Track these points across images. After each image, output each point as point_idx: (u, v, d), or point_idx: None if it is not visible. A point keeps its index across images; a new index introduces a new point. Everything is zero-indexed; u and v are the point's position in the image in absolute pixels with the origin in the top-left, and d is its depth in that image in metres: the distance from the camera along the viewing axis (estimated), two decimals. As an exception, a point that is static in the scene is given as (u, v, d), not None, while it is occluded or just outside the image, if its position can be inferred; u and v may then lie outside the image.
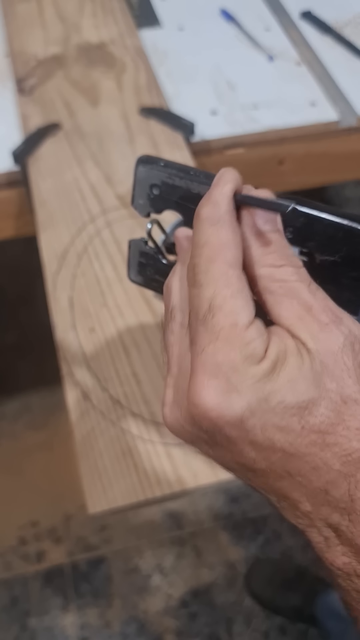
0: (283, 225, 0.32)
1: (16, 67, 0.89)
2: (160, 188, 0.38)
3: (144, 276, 0.43)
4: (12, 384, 1.63)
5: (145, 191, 0.38)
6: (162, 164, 0.37)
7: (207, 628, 1.37)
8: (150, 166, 0.38)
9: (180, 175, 0.36)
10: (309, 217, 0.33)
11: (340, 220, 0.32)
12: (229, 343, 0.28)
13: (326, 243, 0.33)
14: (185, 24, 0.97)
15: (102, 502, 0.52)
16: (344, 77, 0.88)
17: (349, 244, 0.32)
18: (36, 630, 1.36)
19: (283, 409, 0.27)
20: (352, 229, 0.32)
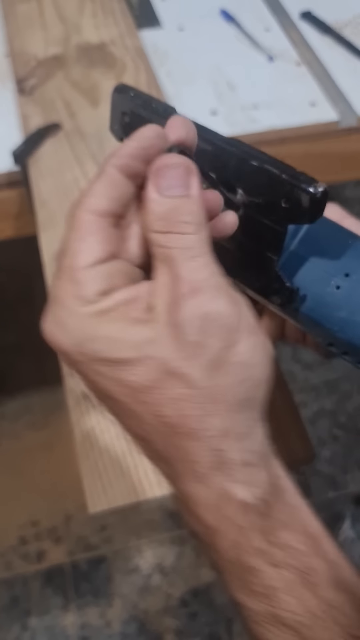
0: (220, 163, 0.35)
1: (16, 67, 0.89)
2: (130, 116, 0.40)
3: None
4: (12, 383, 1.63)
5: (118, 117, 0.41)
6: (131, 94, 0.39)
7: (207, 628, 1.37)
8: (122, 95, 0.40)
9: (144, 106, 0.38)
10: (240, 159, 0.35)
11: (263, 166, 0.34)
12: (64, 281, 0.30)
13: (252, 186, 0.35)
14: (185, 24, 0.97)
15: (103, 502, 0.52)
16: (343, 77, 0.88)
17: (269, 189, 0.34)
18: (36, 630, 1.36)
19: (99, 359, 0.29)
20: (272, 176, 0.34)
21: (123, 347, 0.29)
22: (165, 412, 0.29)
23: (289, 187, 0.33)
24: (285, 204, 0.34)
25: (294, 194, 0.33)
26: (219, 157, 0.36)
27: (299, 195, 0.33)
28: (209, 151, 0.36)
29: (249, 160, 0.35)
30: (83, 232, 0.30)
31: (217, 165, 0.36)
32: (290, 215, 0.34)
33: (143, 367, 0.28)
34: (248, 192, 0.35)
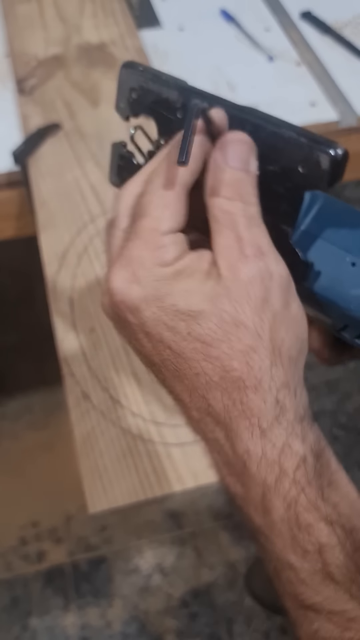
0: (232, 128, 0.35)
1: (17, 67, 0.89)
2: (138, 92, 0.40)
3: (122, 179, 0.45)
4: (12, 384, 1.63)
5: (126, 95, 0.40)
6: (140, 69, 0.39)
7: (208, 628, 1.37)
8: (130, 70, 0.40)
9: (154, 79, 0.38)
10: (254, 125, 0.34)
11: (279, 130, 0.34)
12: (144, 243, 0.32)
13: (268, 152, 0.34)
14: (185, 24, 0.97)
15: (103, 502, 0.52)
16: (343, 77, 0.88)
17: (286, 154, 0.34)
18: (37, 631, 1.36)
19: (174, 312, 0.31)
20: (290, 139, 0.33)
21: (198, 299, 0.31)
22: (234, 365, 0.30)
23: (307, 150, 0.32)
24: (302, 169, 0.33)
25: (313, 157, 0.32)
26: (232, 125, 0.35)
27: (318, 157, 0.32)
28: None
29: (264, 125, 0.34)
30: (169, 200, 0.32)
31: None
32: (308, 180, 0.33)
33: (216, 318, 0.30)
34: (262, 160, 0.35)
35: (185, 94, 0.37)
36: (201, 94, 0.37)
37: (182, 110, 0.38)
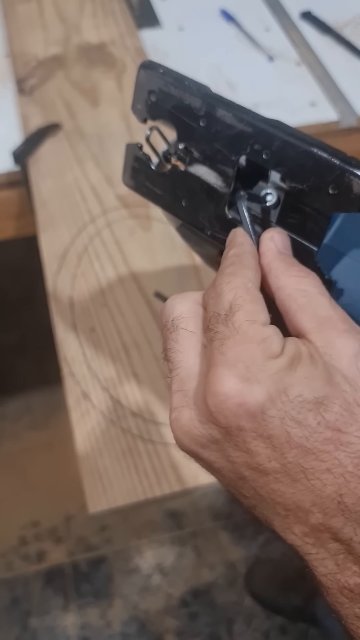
0: (260, 146, 0.34)
1: (16, 67, 0.89)
2: (157, 95, 0.38)
3: (136, 181, 0.44)
4: (13, 384, 1.63)
5: (144, 96, 0.39)
6: (161, 71, 0.38)
7: (208, 628, 1.37)
8: (150, 71, 0.38)
9: (175, 84, 0.37)
10: (283, 142, 0.33)
11: (310, 149, 0.32)
12: (248, 337, 0.29)
13: (296, 170, 0.33)
14: (185, 24, 0.97)
15: (103, 502, 0.52)
16: (343, 77, 0.88)
17: (316, 174, 0.33)
18: (37, 630, 1.36)
19: (300, 403, 0.28)
20: (321, 159, 0.32)
21: (320, 384, 0.28)
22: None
23: (339, 172, 0.31)
24: (333, 190, 0.32)
25: (345, 180, 0.31)
26: (259, 140, 0.34)
27: (350, 181, 0.31)
28: (248, 133, 0.35)
29: (294, 143, 0.33)
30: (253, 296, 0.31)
31: (257, 149, 0.34)
32: (338, 202, 0.32)
33: (339, 401, 0.28)
34: (291, 177, 0.34)
35: (209, 103, 0.36)
36: (226, 104, 0.36)
37: (206, 118, 0.36)
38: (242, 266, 0.32)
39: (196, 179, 0.39)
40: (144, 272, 0.66)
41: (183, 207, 0.41)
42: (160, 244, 0.68)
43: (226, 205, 0.38)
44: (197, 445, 0.30)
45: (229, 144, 0.36)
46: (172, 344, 0.33)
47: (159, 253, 0.67)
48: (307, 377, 0.28)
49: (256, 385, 0.28)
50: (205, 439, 0.30)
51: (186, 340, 0.32)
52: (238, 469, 0.29)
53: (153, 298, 0.63)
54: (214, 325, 0.30)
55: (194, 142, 0.38)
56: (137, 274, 0.66)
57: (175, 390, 0.31)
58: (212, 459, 0.30)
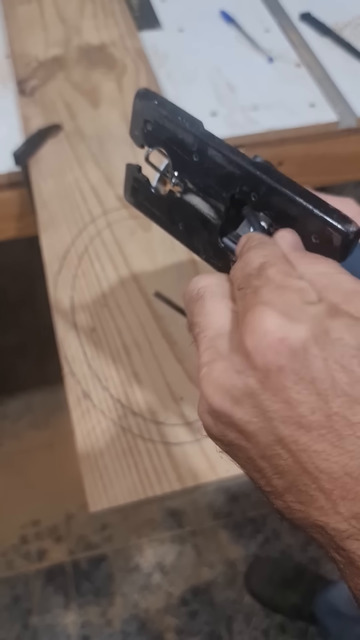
0: (248, 189, 0.35)
1: (17, 68, 0.89)
2: (152, 125, 0.38)
3: (136, 199, 0.44)
4: (13, 383, 1.63)
5: (140, 124, 0.39)
6: (155, 102, 0.38)
7: (208, 626, 1.37)
8: (145, 102, 0.38)
9: (169, 118, 0.37)
10: (269, 188, 0.34)
11: (295, 197, 0.33)
12: (284, 285, 0.27)
13: (281, 216, 0.34)
14: (185, 25, 0.97)
15: (103, 501, 0.52)
16: (343, 78, 0.89)
17: (300, 223, 0.33)
18: (38, 629, 1.36)
19: (343, 346, 0.25)
20: (305, 210, 0.33)
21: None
22: None
23: (321, 224, 0.32)
24: (315, 239, 0.33)
25: (326, 232, 0.32)
26: (247, 183, 0.35)
27: (330, 234, 0.32)
28: (237, 174, 0.35)
29: (280, 190, 0.33)
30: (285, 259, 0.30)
31: (245, 190, 0.35)
32: (319, 251, 0.32)
33: None
34: (277, 221, 0.34)
35: (201, 141, 0.37)
36: (217, 144, 0.36)
37: (198, 154, 0.37)
38: (269, 242, 0.32)
39: (191, 207, 0.40)
40: (144, 272, 0.66)
41: (179, 231, 0.43)
42: (160, 244, 0.68)
43: (219, 235, 0.39)
44: (230, 402, 0.27)
45: (219, 182, 0.37)
46: (199, 309, 0.31)
47: (159, 253, 0.68)
48: (348, 324, 0.26)
49: (298, 322, 0.26)
50: (240, 391, 0.27)
51: (213, 304, 0.31)
52: (277, 428, 0.26)
53: (153, 298, 0.64)
54: (244, 284, 0.29)
55: (187, 173, 0.39)
56: (138, 274, 0.66)
57: (205, 348, 0.29)
58: (247, 419, 0.27)
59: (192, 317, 0.31)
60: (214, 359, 0.28)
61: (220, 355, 0.28)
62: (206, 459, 0.54)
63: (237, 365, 0.27)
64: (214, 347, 0.29)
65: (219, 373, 0.28)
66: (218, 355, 0.28)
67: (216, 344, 0.29)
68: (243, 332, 0.27)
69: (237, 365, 0.27)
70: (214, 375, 0.28)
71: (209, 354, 0.29)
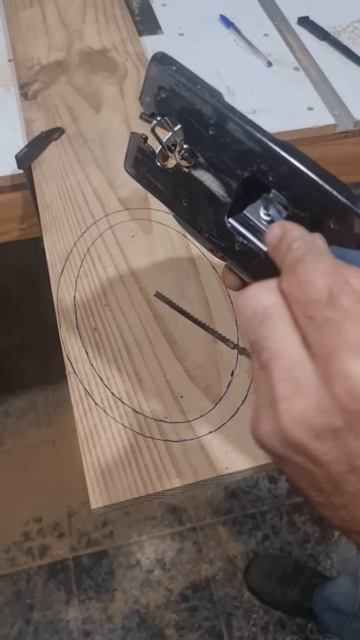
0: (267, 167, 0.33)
1: (20, 72, 0.90)
2: (167, 92, 0.36)
3: (137, 171, 0.42)
4: (17, 382, 1.64)
5: (153, 91, 0.37)
6: (174, 68, 0.36)
7: (207, 622, 1.38)
8: (162, 67, 0.36)
9: (188, 86, 0.35)
10: (291, 168, 0.32)
11: (318, 180, 0.32)
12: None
13: (300, 198, 0.32)
14: (185, 30, 0.98)
15: (105, 498, 0.53)
16: (340, 82, 0.90)
17: (319, 206, 0.32)
18: (40, 625, 1.37)
19: None
20: (326, 193, 0.31)
21: None
22: None
23: (342, 209, 0.31)
24: (334, 224, 0.32)
25: (347, 218, 0.31)
26: (267, 161, 0.33)
27: (352, 220, 0.31)
28: (256, 152, 0.34)
29: (302, 171, 0.32)
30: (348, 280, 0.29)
31: (263, 169, 0.34)
32: (337, 237, 0.32)
33: None
34: (294, 203, 0.33)
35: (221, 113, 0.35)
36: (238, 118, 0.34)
37: (215, 127, 0.35)
38: (321, 252, 0.30)
39: (199, 183, 0.38)
40: (145, 272, 0.67)
41: (183, 207, 0.40)
42: (160, 245, 0.70)
43: (226, 215, 0.37)
44: (312, 437, 0.28)
45: (236, 158, 0.35)
46: (267, 332, 0.30)
47: (160, 254, 0.69)
48: None
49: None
50: (324, 428, 0.27)
51: (285, 328, 0.30)
52: (354, 460, 0.27)
53: (154, 298, 0.65)
54: (315, 312, 0.28)
55: (200, 147, 0.37)
56: (138, 274, 0.67)
57: (281, 379, 0.29)
58: (323, 451, 0.28)
59: (258, 338, 0.30)
60: (295, 393, 0.28)
61: (302, 391, 0.28)
62: (206, 456, 0.55)
63: (323, 404, 0.27)
64: (293, 379, 0.28)
65: (302, 410, 0.28)
66: (300, 390, 0.28)
67: (295, 375, 0.28)
68: (332, 376, 0.27)
69: (323, 405, 0.27)
70: (297, 411, 0.28)
71: (289, 387, 0.28)
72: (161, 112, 0.38)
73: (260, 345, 0.30)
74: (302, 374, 0.28)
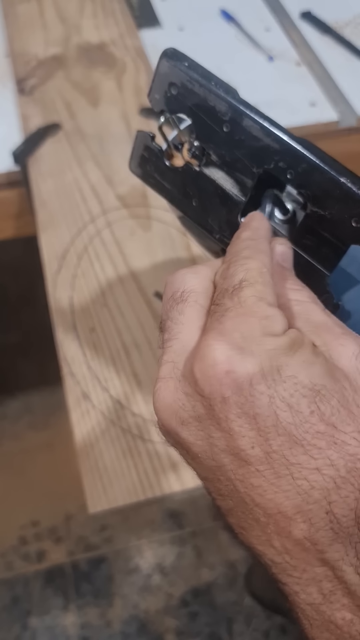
0: (285, 165, 0.32)
1: (17, 67, 0.89)
2: (179, 89, 0.36)
3: (143, 170, 0.41)
4: (13, 384, 1.63)
5: (163, 87, 0.36)
6: (186, 64, 0.35)
7: (208, 628, 1.37)
8: (173, 63, 0.35)
9: (201, 83, 0.34)
10: (311, 165, 0.32)
11: (339, 178, 0.31)
12: (251, 311, 0.28)
13: (320, 196, 0.32)
14: (185, 24, 0.97)
15: (103, 502, 0.52)
16: (343, 77, 0.88)
17: (341, 204, 0.31)
18: (37, 630, 1.36)
19: (294, 385, 0.25)
20: (349, 191, 0.31)
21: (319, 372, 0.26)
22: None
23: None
24: (356, 223, 0.31)
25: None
26: (285, 158, 0.32)
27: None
28: (274, 149, 0.33)
29: (323, 169, 0.31)
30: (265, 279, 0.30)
31: (281, 166, 0.33)
32: (357, 235, 0.31)
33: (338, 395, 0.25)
34: (313, 202, 0.32)
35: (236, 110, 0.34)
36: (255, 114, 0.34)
37: (230, 124, 0.34)
38: (258, 250, 0.31)
39: (211, 182, 0.37)
40: (144, 272, 0.66)
41: (192, 206, 0.39)
42: (160, 244, 0.68)
43: (240, 214, 0.37)
44: (177, 421, 0.27)
45: (251, 155, 0.34)
46: (176, 314, 0.31)
47: (159, 253, 0.68)
48: (306, 361, 0.26)
49: (249, 356, 0.26)
50: (187, 413, 0.27)
51: (192, 314, 0.30)
52: (218, 455, 0.26)
53: (153, 298, 0.64)
54: (219, 299, 0.29)
55: (212, 144, 0.36)
56: (137, 274, 0.66)
57: (166, 361, 0.29)
58: (191, 440, 0.27)
59: (166, 318, 0.31)
60: (169, 376, 0.28)
61: (176, 375, 0.28)
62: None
63: (186, 387, 0.27)
64: (173, 362, 0.29)
65: (169, 392, 0.28)
66: (174, 374, 0.28)
67: (177, 359, 0.29)
68: (194, 356, 0.27)
69: (186, 388, 0.27)
70: (165, 393, 0.28)
71: (167, 369, 0.29)
72: (171, 110, 0.37)
73: (166, 325, 0.31)
74: (182, 359, 0.28)
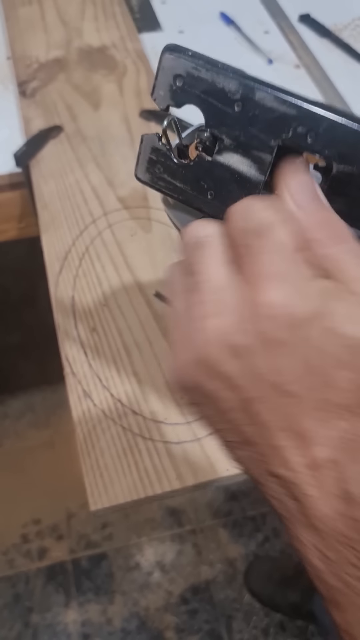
0: (304, 129, 0.32)
1: (18, 70, 0.90)
2: (184, 79, 0.36)
3: (152, 174, 0.41)
4: (15, 383, 1.64)
5: (168, 82, 0.37)
6: (189, 53, 0.36)
7: (207, 625, 1.38)
8: (177, 54, 0.36)
9: (207, 67, 0.35)
10: (331, 123, 0.32)
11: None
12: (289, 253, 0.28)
13: (346, 152, 0.32)
14: (185, 27, 0.98)
15: (104, 500, 0.53)
16: (342, 79, 0.89)
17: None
18: (38, 627, 1.37)
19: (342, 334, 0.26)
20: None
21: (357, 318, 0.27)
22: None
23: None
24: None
25: None
26: (304, 122, 0.32)
27: None
28: (291, 115, 0.33)
29: (344, 123, 0.31)
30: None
31: (300, 132, 0.33)
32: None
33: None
34: (339, 159, 0.32)
35: (247, 85, 0.34)
36: (267, 85, 0.34)
37: (242, 102, 0.34)
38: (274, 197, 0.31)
39: (226, 168, 0.37)
40: (145, 272, 0.67)
41: (208, 201, 0.39)
42: (160, 244, 0.69)
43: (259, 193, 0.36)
44: (227, 354, 0.28)
45: (267, 128, 0.34)
46: (199, 257, 0.31)
47: (159, 254, 0.68)
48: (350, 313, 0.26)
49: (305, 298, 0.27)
50: (240, 347, 0.28)
51: (217, 255, 0.31)
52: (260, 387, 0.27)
53: (153, 298, 0.64)
54: (245, 239, 0.29)
55: (225, 128, 0.36)
56: (138, 274, 0.66)
57: (209, 299, 0.29)
58: (236, 373, 0.28)
59: (192, 262, 0.31)
60: (220, 311, 0.28)
61: (227, 309, 0.28)
62: (206, 457, 0.55)
63: (245, 323, 0.27)
64: (220, 299, 0.29)
65: (225, 326, 0.28)
66: (225, 308, 0.28)
67: (222, 296, 0.29)
68: (255, 300, 0.27)
69: (245, 324, 0.27)
70: (219, 326, 0.28)
71: (214, 306, 0.29)
72: (177, 102, 0.37)
73: (192, 268, 0.31)
74: (228, 296, 0.29)
